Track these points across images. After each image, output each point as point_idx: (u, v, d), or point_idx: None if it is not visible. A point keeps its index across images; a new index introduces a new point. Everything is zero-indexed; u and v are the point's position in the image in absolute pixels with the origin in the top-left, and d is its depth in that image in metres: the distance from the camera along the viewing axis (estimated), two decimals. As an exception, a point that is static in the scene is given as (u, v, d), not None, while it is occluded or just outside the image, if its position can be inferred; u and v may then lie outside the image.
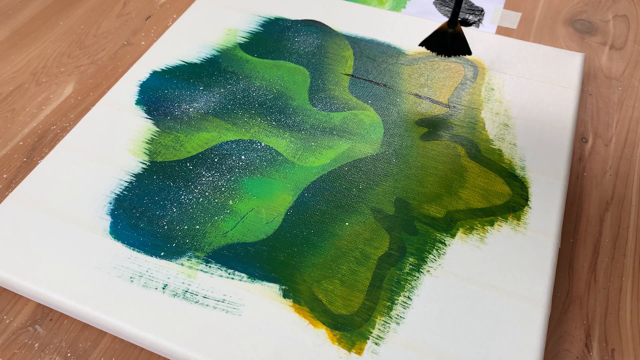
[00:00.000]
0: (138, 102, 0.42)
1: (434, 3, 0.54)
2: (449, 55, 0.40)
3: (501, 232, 0.34)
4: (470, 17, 0.52)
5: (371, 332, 0.30)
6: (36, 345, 0.31)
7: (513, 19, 0.52)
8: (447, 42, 0.39)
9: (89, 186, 0.36)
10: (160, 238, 0.33)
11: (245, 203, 0.35)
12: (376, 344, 0.29)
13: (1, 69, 0.47)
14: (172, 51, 0.46)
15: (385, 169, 0.37)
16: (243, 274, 0.32)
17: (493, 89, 0.43)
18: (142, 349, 0.31)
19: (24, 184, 0.36)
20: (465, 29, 0.48)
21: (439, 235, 0.34)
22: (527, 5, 0.54)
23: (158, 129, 0.40)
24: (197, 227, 0.34)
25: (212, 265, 0.32)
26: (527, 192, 0.36)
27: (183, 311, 0.30)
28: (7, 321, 0.32)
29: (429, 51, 0.46)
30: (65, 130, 0.42)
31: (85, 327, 0.32)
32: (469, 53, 0.40)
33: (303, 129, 0.40)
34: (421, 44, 0.40)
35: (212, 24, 0.48)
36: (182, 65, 0.44)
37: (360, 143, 0.39)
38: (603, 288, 0.34)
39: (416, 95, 0.42)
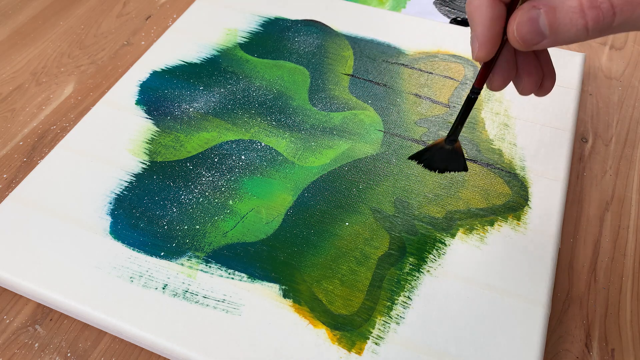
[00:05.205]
0: (138, 102, 0.42)
1: (434, 3, 0.54)
2: (440, 172, 0.33)
3: (501, 232, 0.34)
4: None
5: (371, 332, 0.30)
6: (36, 345, 0.31)
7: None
8: (440, 159, 0.32)
9: (89, 186, 0.36)
10: (160, 238, 0.33)
11: (245, 203, 0.35)
12: (376, 344, 0.29)
13: (1, 69, 0.47)
14: (172, 51, 0.46)
15: (385, 169, 0.37)
16: (243, 274, 0.32)
17: (493, 89, 0.42)
18: (142, 349, 0.31)
19: (24, 184, 0.36)
20: (465, 29, 0.47)
21: (439, 235, 0.34)
22: (527, 5, 0.54)
23: (158, 129, 0.40)
24: (197, 227, 0.34)
25: (212, 265, 0.32)
26: (527, 192, 0.36)
27: (183, 311, 0.30)
28: (7, 321, 0.32)
29: (429, 51, 0.46)
30: (65, 130, 0.42)
31: (85, 327, 0.32)
32: (465, 170, 0.33)
33: (303, 129, 0.40)
34: (410, 158, 0.33)
35: (212, 24, 0.48)
36: (182, 65, 0.44)
37: (360, 143, 0.39)
38: (603, 288, 0.34)
39: (416, 95, 0.42)
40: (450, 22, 0.51)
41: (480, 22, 0.25)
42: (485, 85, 0.28)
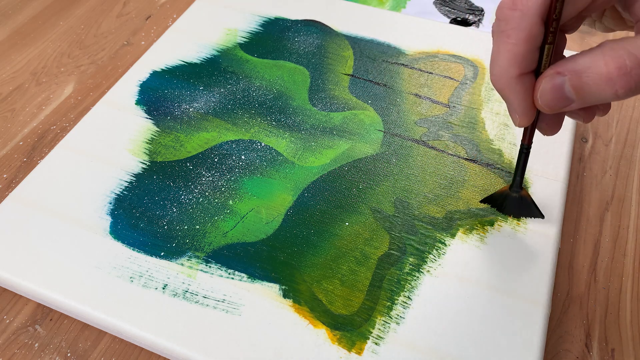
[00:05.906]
0: (138, 102, 0.42)
1: (434, 3, 0.54)
2: (515, 217, 0.35)
3: (501, 232, 0.34)
4: (470, 17, 0.52)
5: (371, 332, 0.30)
6: (36, 345, 0.31)
7: (513, 19, 0.52)
8: (511, 204, 0.34)
9: (89, 186, 0.36)
10: (160, 238, 0.33)
11: (245, 203, 0.35)
12: (376, 344, 0.29)
13: (1, 69, 0.47)
14: (172, 51, 0.46)
15: (385, 169, 0.37)
16: (243, 274, 0.32)
17: (493, 89, 0.43)
18: (142, 349, 0.31)
19: (24, 184, 0.36)
20: (465, 29, 0.48)
21: (439, 235, 0.34)
22: (527, 5, 0.54)
23: (158, 129, 0.40)
24: (197, 227, 0.34)
25: (212, 265, 0.32)
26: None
27: (183, 311, 0.30)
28: (7, 321, 0.32)
29: (429, 51, 0.46)
30: (65, 130, 0.42)
31: (85, 327, 0.32)
32: (542, 217, 0.34)
33: (303, 129, 0.40)
34: (482, 201, 0.35)
35: (212, 24, 0.48)
36: (182, 65, 0.44)
37: (360, 143, 0.39)
38: (603, 288, 0.34)
39: (416, 95, 0.42)
40: (450, 22, 0.51)
41: (514, 98, 0.24)
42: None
